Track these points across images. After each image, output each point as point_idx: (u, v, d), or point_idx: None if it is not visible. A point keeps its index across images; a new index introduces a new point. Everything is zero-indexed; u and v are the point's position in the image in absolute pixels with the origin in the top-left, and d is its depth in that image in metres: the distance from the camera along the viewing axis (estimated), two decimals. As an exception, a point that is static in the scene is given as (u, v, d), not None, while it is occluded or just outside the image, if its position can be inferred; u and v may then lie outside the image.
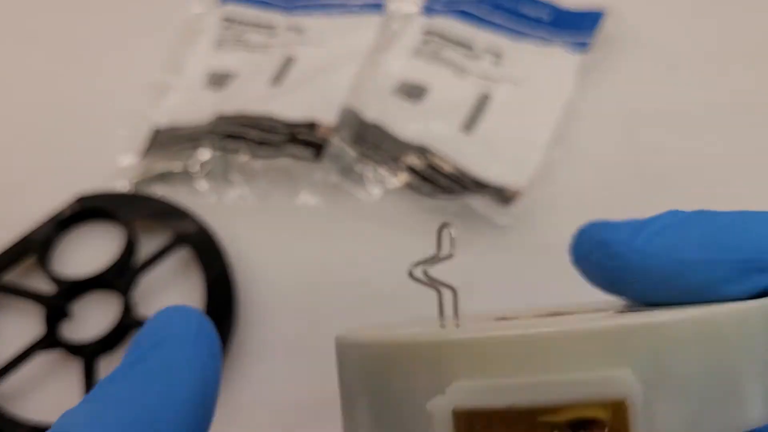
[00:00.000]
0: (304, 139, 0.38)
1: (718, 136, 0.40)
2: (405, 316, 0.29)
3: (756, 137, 0.40)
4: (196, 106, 0.42)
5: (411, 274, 0.21)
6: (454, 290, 0.21)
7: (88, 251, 0.37)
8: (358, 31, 0.45)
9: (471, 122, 0.40)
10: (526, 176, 0.38)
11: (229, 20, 0.47)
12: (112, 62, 0.45)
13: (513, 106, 0.41)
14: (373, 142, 0.39)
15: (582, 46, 0.44)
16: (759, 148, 0.40)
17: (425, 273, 0.21)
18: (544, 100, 0.41)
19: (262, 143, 0.38)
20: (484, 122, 0.40)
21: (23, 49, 0.47)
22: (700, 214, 0.19)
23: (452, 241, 0.21)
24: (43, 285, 0.35)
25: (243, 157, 0.38)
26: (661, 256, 0.18)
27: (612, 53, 0.45)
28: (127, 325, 0.33)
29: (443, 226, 0.21)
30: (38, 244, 0.35)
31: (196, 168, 0.39)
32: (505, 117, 0.41)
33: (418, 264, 0.21)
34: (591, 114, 0.41)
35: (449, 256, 0.21)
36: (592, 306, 0.22)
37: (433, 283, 0.21)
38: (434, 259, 0.21)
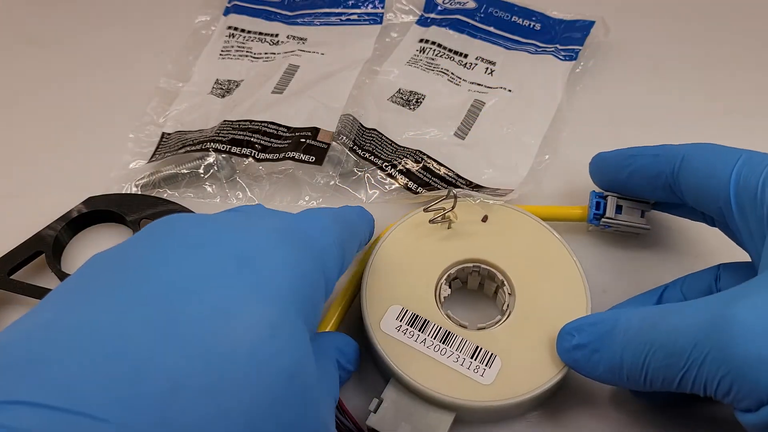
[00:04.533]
0: (306, 144, 0.39)
1: (699, 138, 0.41)
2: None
3: (736, 138, 0.41)
4: (203, 112, 0.42)
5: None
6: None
7: (97, 251, 0.37)
8: (357, 40, 0.46)
9: (465, 128, 0.41)
10: (518, 179, 0.38)
11: (233, 30, 0.48)
12: (122, 70, 0.46)
13: (506, 112, 0.42)
14: (371, 146, 0.40)
15: (571, 54, 0.45)
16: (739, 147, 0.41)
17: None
18: (536, 107, 0.42)
19: (265, 148, 0.39)
20: (478, 128, 0.41)
21: (37, 59, 0.48)
22: None
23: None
24: (53, 284, 0.35)
25: (247, 161, 0.39)
26: None
27: (599, 61, 0.46)
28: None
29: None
30: (49, 244, 0.36)
31: (202, 171, 0.39)
32: (498, 123, 0.41)
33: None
34: (577, 118, 0.42)
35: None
36: None
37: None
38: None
